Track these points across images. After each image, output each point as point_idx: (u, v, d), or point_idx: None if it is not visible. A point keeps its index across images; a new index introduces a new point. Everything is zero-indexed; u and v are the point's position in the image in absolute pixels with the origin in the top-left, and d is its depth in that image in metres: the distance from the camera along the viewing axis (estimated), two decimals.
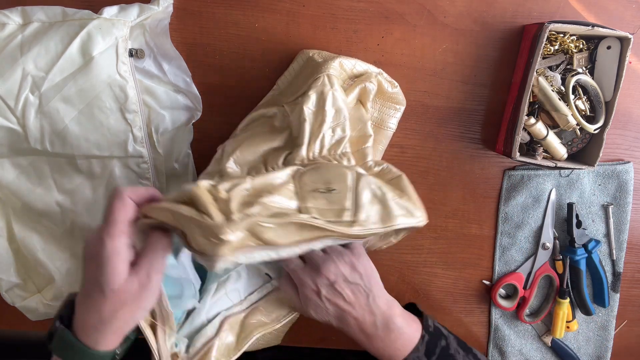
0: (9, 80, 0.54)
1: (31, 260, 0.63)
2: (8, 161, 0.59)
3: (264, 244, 0.41)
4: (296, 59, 0.61)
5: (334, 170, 0.48)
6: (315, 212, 0.44)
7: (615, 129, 0.66)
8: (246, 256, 0.41)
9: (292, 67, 0.62)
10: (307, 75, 0.56)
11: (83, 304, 0.43)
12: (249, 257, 0.42)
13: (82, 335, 0.43)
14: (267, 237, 0.41)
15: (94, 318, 0.42)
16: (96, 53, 0.55)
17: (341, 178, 0.47)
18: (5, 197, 0.61)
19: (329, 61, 0.55)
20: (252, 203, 0.42)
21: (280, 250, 0.43)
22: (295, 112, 0.53)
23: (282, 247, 0.43)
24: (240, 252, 0.41)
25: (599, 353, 0.73)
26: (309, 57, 0.59)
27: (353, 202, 0.46)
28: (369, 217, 0.46)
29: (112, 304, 0.42)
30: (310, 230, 0.44)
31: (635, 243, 0.70)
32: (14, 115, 0.56)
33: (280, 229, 0.42)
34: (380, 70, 0.59)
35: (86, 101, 0.56)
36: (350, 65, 0.57)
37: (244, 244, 0.40)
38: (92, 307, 0.42)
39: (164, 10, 0.59)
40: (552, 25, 0.56)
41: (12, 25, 0.56)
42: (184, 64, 0.61)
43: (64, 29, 0.55)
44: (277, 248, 0.43)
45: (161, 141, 0.62)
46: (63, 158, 0.59)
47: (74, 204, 0.61)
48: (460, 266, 0.70)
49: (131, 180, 0.61)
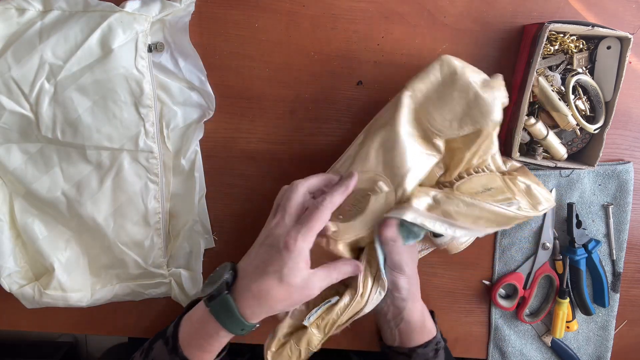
0: (25, 66, 0.55)
1: (31, 248, 0.63)
2: (16, 147, 0.59)
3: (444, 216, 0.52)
4: (434, 66, 0.54)
5: (482, 177, 0.57)
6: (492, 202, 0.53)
7: (615, 129, 0.66)
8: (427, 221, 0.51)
9: (430, 77, 0.54)
10: (459, 104, 0.53)
11: (253, 282, 0.49)
12: (427, 223, 0.51)
13: (243, 305, 0.49)
14: (449, 209, 0.52)
15: (260, 297, 0.48)
16: (115, 46, 0.55)
17: (492, 180, 0.56)
18: (9, 183, 0.61)
19: (489, 114, 0.53)
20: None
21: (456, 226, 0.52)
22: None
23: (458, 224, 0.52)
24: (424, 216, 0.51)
25: (599, 353, 0.73)
26: (453, 72, 0.53)
27: (512, 193, 0.55)
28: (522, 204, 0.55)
29: (282, 293, 0.48)
30: (490, 215, 0.53)
31: (635, 243, 0.70)
32: (27, 101, 0.56)
33: (467, 208, 0.52)
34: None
35: (101, 93, 0.57)
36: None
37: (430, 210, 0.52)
38: (263, 289, 0.48)
39: (186, 7, 0.59)
40: (552, 25, 0.56)
41: (32, 11, 0.56)
42: (200, 62, 0.61)
43: (84, 20, 0.56)
44: (454, 224, 0.52)
45: (171, 137, 0.63)
46: (73, 148, 0.59)
47: (79, 194, 0.61)
48: (460, 266, 0.70)
49: (139, 174, 0.62)
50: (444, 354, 0.61)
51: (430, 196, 0.53)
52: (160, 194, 0.63)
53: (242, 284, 0.50)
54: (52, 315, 0.70)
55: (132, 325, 0.71)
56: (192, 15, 0.61)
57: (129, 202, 0.62)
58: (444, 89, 0.53)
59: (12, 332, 1.47)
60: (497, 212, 0.53)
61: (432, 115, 0.54)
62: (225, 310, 0.49)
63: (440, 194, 0.54)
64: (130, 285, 0.66)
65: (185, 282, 0.67)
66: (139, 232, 0.64)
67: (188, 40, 0.60)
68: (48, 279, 0.63)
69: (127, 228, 0.63)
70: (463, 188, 0.55)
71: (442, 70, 0.53)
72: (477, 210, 0.52)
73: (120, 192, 0.62)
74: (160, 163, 0.62)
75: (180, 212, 0.66)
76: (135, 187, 0.62)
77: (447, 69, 0.53)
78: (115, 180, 0.61)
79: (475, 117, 0.53)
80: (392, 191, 0.54)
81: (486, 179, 0.57)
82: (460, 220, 0.52)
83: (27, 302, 0.64)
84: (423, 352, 0.59)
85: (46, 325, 0.71)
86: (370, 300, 0.55)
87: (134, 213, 0.63)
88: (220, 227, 0.68)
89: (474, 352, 0.73)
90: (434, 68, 0.54)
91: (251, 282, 0.49)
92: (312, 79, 0.64)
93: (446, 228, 0.52)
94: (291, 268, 0.48)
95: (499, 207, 0.53)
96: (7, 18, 0.56)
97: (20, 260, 0.63)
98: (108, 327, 0.71)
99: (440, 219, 0.52)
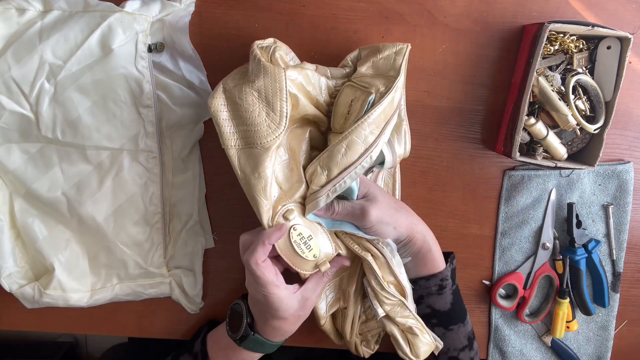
0: (25, 66, 0.55)
1: (31, 248, 0.63)
2: (17, 147, 0.59)
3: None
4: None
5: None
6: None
7: (615, 129, 0.66)
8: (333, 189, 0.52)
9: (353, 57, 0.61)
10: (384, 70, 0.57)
11: (266, 324, 0.56)
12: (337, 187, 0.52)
13: (268, 336, 0.58)
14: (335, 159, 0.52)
15: (276, 330, 0.56)
16: (115, 46, 0.55)
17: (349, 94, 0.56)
18: (9, 183, 0.61)
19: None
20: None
21: None
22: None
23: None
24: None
25: (599, 353, 0.73)
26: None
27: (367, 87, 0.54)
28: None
29: (289, 323, 0.56)
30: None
31: (635, 243, 0.70)
32: (27, 101, 0.56)
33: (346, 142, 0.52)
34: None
35: (101, 93, 0.57)
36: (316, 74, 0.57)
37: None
38: (275, 326, 0.56)
39: (186, 8, 0.59)
40: (552, 25, 0.56)
41: (32, 11, 0.56)
42: (200, 62, 0.61)
43: (84, 20, 0.56)
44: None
45: (171, 137, 0.63)
46: (73, 148, 0.59)
47: (79, 194, 0.61)
48: (460, 266, 0.70)
49: (139, 174, 0.62)
50: (451, 296, 0.60)
51: (317, 167, 0.53)
52: (160, 194, 0.63)
53: (259, 325, 0.57)
54: (52, 315, 0.70)
55: (132, 325, 0.71)
56: (192, 15, 0.61)
57: (129, 202, 0.62)
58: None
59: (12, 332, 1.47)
60: (377, 114, 0.51)
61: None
62: (259, 345, 0.58)
63: (324, 154, 0.53)
64: (131, 285, 0.66)
65: (185, 282, 0.67)
66: (139, 232, 0.64)
67: (188, 40, 0.60)
68: (48, 279, 0.63)
69: (127, 228, 0.63)
70: (336, 123, 0.57)
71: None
72: (357, 131, 0.51)
73: (120, 192, 0.62)
74: (160, 163, 0.62)
75: (180, 212, 0.66)
76: (136, 187, 0.62)
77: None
78: (115, 180, 0.61)
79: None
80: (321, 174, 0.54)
81: (344, 96, 0.56)
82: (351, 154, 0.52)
83: (27, 302, 0.64)
84: (425, 285, 0.59)
85: (46, 325, 0.71)
86: (386, 255, 0.56)
87: (134, 213, 0.63)
88: (220, 227, 0.68)
89: None
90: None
91: (265, 325, 0.57)
92: None
93: (350, 177, 0.52)
94: (278, 308, 0.53)
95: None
96: (7, 18, 0.56)
97: (20, 260, 0.63)
98: (108, 327, 0.71)
99: (347, 171, 0.52)
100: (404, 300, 0.56)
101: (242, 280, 0.60)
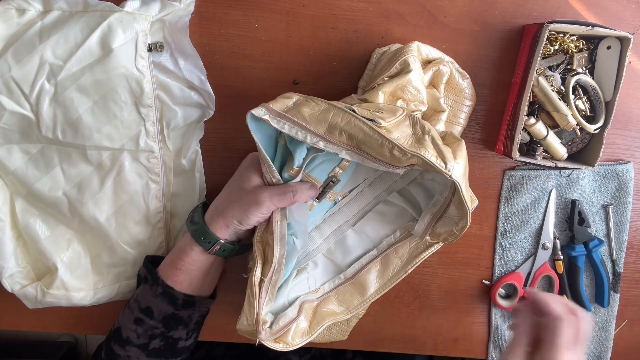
0: (25, 67, 0.55)
1: (33, 248, 0.63)
2: (17, 147, 0.59)
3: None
4: (370, 60, 0.62)
5: (391, 107, 0.54)
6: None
7: (615, 129, 0.66)
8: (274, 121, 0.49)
9: (368, 67, 0.63)
10: (385, 65, 0.58)
11: (216, 198, 0.58)
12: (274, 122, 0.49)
13: (206, 216, 0.57)
14: (303, 111, 0.49)
15: (218, 205, 0.56)
16: (115, 46, 0.55)
17: (393, 111, 0.52)
18: (10, 183, 0.61)
19: (408, 45, 0.57)
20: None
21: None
22: (374, 91, 0.56)
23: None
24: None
25: (599, 353, 0.73)
26: (383, 52, 0.61)
27: (395, 118, 0.51)
28: (399, 136, 0.49)
29: (235, 195, 0.55)
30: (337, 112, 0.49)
31: (635, 243, 0.70)
32: (27, 101, 0.56)
33: (321, 112, 0.49)
34: (452, 59, 0.61)
35: (101, 92, 0.57)
36: (426, 50, 0.59)
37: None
38: (221, 197, 0.57)
39: (186, 7, 0.59)
40: (552, 25, 0.56)
41: (32, 11, 0.56)
42: (200, 62, 0.61)
43: (84, 20, 0.56)
44: (305, 127, 0.49)
45: (172, 137, 0.63)
46: (73, 148, 0.59)
47: (80, 194, 0.61)
48: (460, 266, 0.70)
49: (140, 174, 0.62)
50: None
51: (292, 100, 0.52)
52: (161, 194, 0.63)
53: (207, 215, 0.57)
54: (52, 315, 0.70)
55: None
56: (192, 15, 0.61)
57: (130, 201, 0.62)
58: (376, 65, 0.62)
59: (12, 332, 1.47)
60: (355, 124, 0.48)
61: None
62: (194, 222, 0.57)
63: (302, 98, 0.51)
64: (132, 284, 0.66)
65: None
66: (140, 231, 0.64)
67: (188, 40, 0.60)
68: (50, 279, 0.63)
69: (128, 227, 0.63)
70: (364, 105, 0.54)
71: (372, 60, 0.63)
72: (330, 115, 0.49)
73: (121, 192, 0.62)
74: (161, 163, 0.62)
75: (181, 212, 0.66)
76: (137, 186, 0.62)
77: (376, 55, 0.62)
78: (116, 180, 0.61)
79: (394, 57, 0.57)
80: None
81: (389, 104, 0.55)
82: (312, 124, 0.49)
83: (29, 302, 0.64)
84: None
85: (46, 325, 0.71)
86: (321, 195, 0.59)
87: (135, 213, 0.63)
88: None
89: (474, 352, 0.73)
90: (369, 62, 0.63)
91: (216, 200, 0.58)
92: (312, 79, 0.64)
93: (296, 131, 0.49)
94: (244, 176, 0.55)
95: (353, 114, 0.48)
96: (7, 18, 0.56)
97: (21, 260, 0.63)
98: (108, 327, 0.71)
99: (291, 120, 0.49)
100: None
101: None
